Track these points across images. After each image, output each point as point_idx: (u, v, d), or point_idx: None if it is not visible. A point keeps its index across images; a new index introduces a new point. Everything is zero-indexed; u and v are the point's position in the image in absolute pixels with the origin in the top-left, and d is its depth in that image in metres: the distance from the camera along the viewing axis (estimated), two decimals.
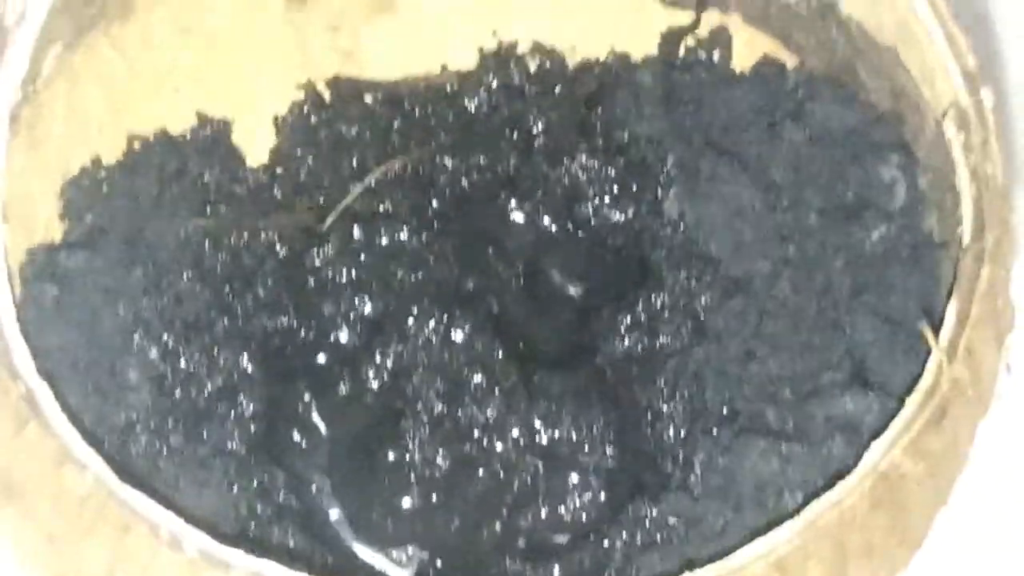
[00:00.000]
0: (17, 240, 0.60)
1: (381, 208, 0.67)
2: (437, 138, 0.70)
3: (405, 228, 0.67)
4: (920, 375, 0.55)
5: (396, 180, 0.68)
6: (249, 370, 0.63)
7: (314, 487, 0.63)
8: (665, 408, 0.63)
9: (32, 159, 0.62)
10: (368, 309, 0.65)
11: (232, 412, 0.62)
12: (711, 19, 0.71)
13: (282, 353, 0.65)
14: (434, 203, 0.69)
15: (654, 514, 0.60)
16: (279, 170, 0.69)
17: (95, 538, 0.51)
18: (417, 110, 0.71)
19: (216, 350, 0.63)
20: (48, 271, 0.60)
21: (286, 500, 0.61)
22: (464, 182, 0.69)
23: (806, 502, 0.53)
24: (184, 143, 0.69)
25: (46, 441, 0.52)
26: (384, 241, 0.66)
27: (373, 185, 0.67)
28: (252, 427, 0.62)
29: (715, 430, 0.61)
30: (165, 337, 0.62)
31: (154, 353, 0.62)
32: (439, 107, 0.71)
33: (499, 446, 0.62)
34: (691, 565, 0.51)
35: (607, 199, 0.68)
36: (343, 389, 0.64)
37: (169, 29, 0.67)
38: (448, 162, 0.69)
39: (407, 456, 0.62)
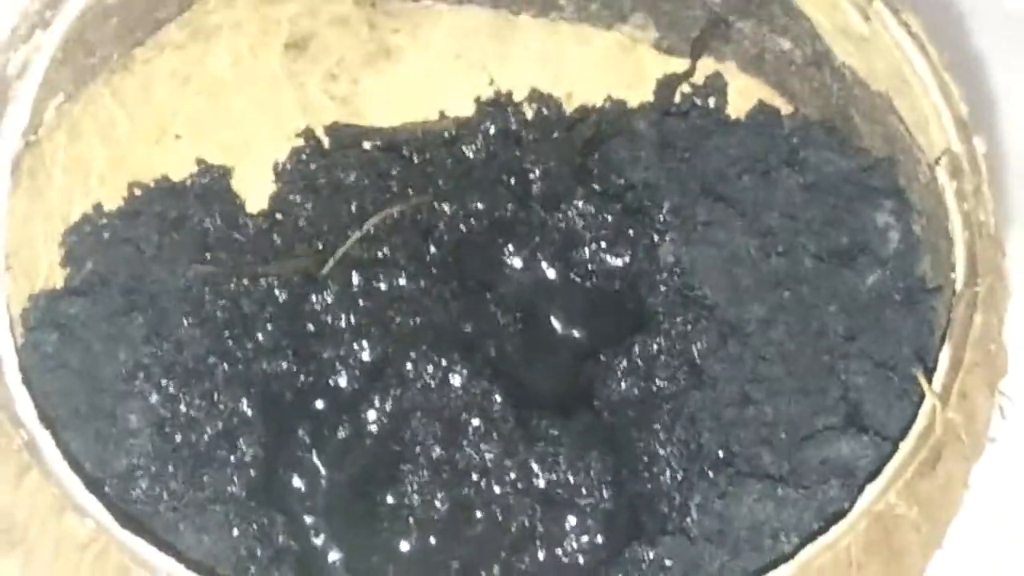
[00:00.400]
0: (19, 287, 0.60)
1: (380, 254, 0.68)
2: (435, 184, 0.70)
3: (403, 274, 0.67)
4: (914, 419, 0.55)
5: (394, 226, 0.68)
6: (249, 415, 0.63)
7: (313, 531, 0.63)
8: (662, 451, 0.63)
9: (34, 207, 0.63)
10: (367, 354, 0.65)
11: (232, 456, 0.62)
12: (706, 67, 0.71)
13: (282, 398, 0.65)
14: (432, 249, 0.69)
15: (651, 556, 0.60)
16: (278, 216, 0.69)
17: None
18: (415, 156, 0.72)
19: (216, 395, 0.63)
20: (49, 318, 0.60)
21: (285, 543, 0.61)
22: (462, 228, 0.69)
23: (801, 545, 0.53)
24: (184, 190, 0.69)
25: (48, 488, 0.52)
26: (383, 287, 0.66)
27: (372, 231, 0.67)
28: (251, 471, 0.62)
29: (711, 473, 0.61)
30: (165, 383, 0.62)
31: (155, 398, 0.61)
32: (437, 154, 0.72)
33: (497, 489, 0.62)
34: None
35: (604, 245, 0.68)
36: (342, 433, 0.64)
37: (169, 79, 0.68)
38: (446, 208, 0.69)
39: (405, 499, 0.62)
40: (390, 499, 0.62)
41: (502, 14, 0.72)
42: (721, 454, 0.61)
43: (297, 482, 0.63)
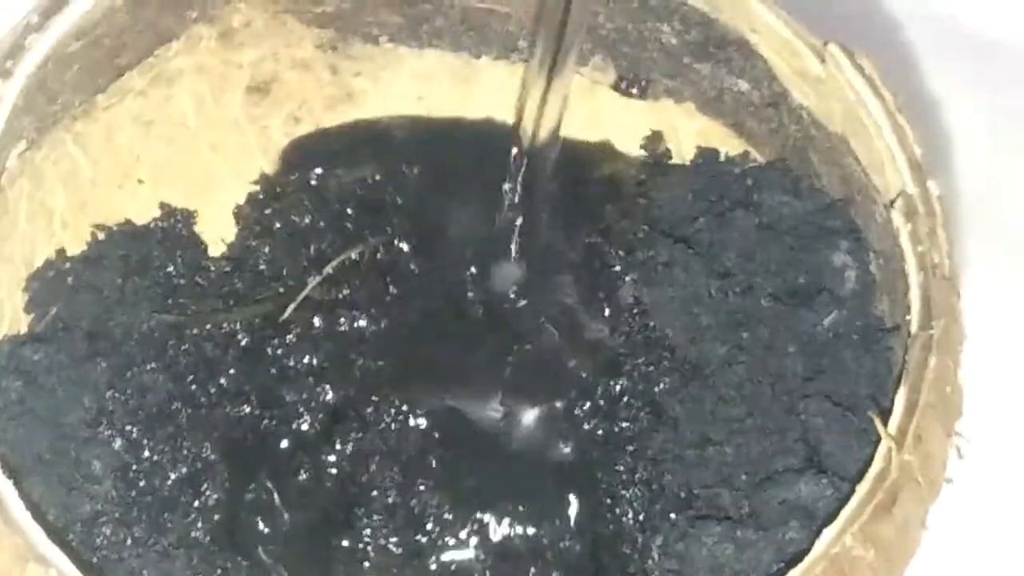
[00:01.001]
0: None
1: (340, 296, 0.68)
2: (394, 224, 0.71)
3: (364, 316, 0.67)
4: (871, 461, 0.55)
5: (354, 268, 0.69)
6: (212, 459, 0.63)
7: (274, 575, 0.63)
8: (625, 492, 0.63)
9: None
10: (329, 396, 0.66)
11: (195, 501, 0.62)
12: (665, 107, 0.71)
13: (244, 441, 0.64)
14: (392, 289, 0.69)
15: None
16: (239, 260, 0.69)
17: None
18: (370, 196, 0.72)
19: (179, 440, 0.63)
20: (12, 365, 0.60)
21: None
22: (422, 267, 0.70)
23: None
24: (147, 234, 0.68)
25: (11, 538, 0.52)
26: (344, 328, 0.67)
27: (332, 273, 0.68)
28: (215, 516, 0.62)
29: (672, 515, 0.61)
30: (129, 428, 0.62)
31: (118, 444, 0.61)
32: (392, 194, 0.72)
33: (450, 540, 0.62)
34: None
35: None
36: (304, 476, 0.64)
37: (131, 124, 0.68)
38: (405, 247, 0.69)
39: (360, 544, 0.62)
40: (346, 543, 0.62)
41: (463, 57, 0.72)
42: (682, 495, 0.62)
43: (261, 525, 0.63)
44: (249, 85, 0.70)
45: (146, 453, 0.62)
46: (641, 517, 0.62)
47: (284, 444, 0.65)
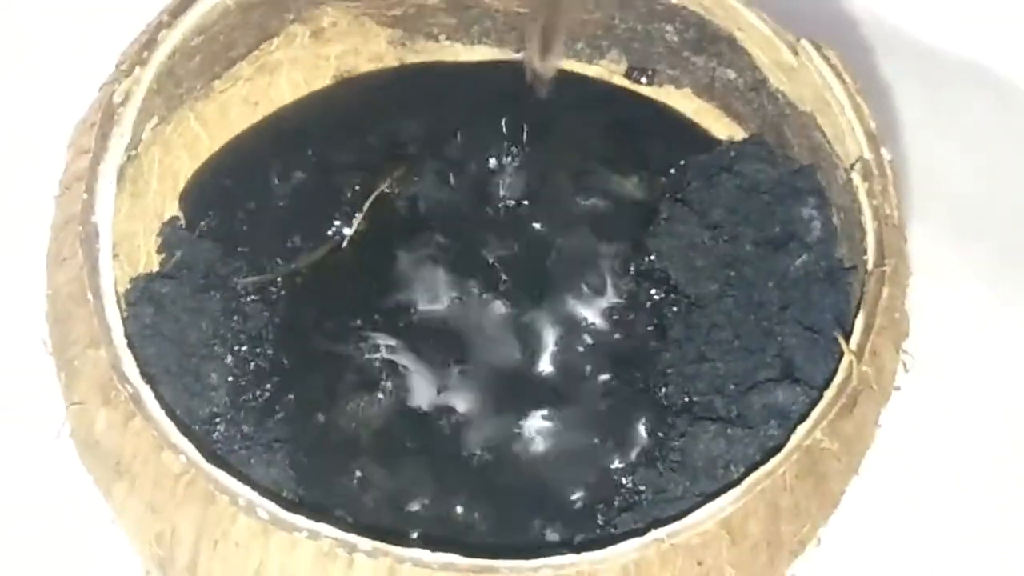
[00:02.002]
0: (123, 271, 0.60)
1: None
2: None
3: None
4: (836, 372, 0.55)
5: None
6: (302, 372, 0.63)
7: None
8: (638, 399, 0.63)
9: (135, 207, 0.62)
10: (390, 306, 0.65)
11: (287, 408, 0.62)
12: (668, 92, 0.70)
13: (326, 361, 0.64)
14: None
15: (628, 484, 0.60)
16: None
17: (187, 507, 0.51)
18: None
19: (277, 356, 0.63)
20: (146, 296, 0.60)
21: None
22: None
23: (747, 473, 0.53)
24: None
25: (148, 431, 0.52)
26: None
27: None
28: (309, 417, 0.62)
29: (675, 418, 0.61)
30: (237, 348, 0.62)
31: (229, 360, 0.62)
32: None
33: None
34: (657, 524, 0.51)
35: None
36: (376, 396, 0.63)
37: (241, 104, 0.67)
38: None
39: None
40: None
41: (507, 51, 0.71)
42: (683, 401, 0.62)
43: (347, 428, 0.62)
44: (334, 74, 0.70)
45: (251, 366, 0.62)
46: (651, 418, 0.62)
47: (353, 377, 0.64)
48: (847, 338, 0.56)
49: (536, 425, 0.62)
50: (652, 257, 0.65)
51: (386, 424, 0.62)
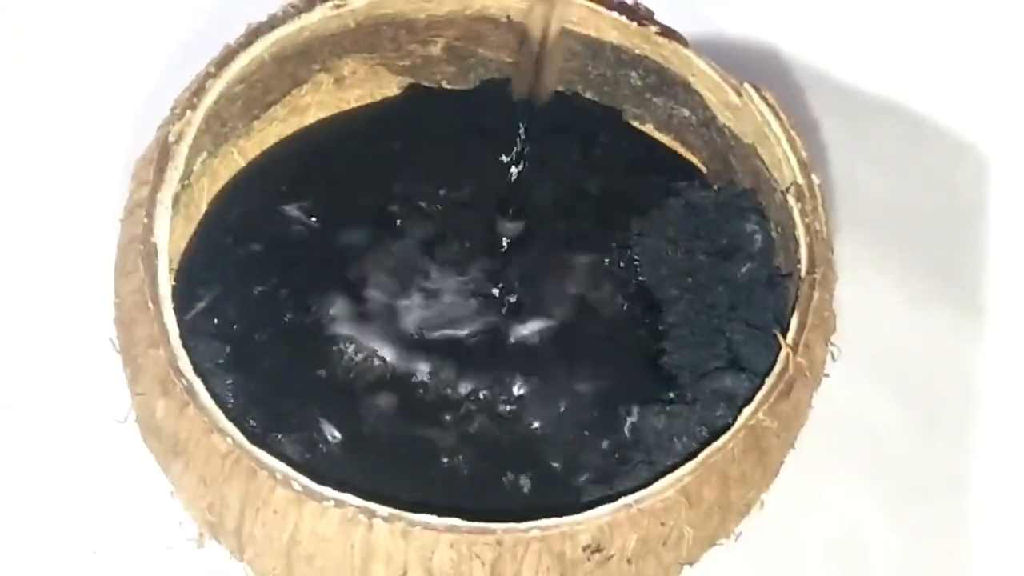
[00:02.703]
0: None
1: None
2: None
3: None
4: (775, 363, 0.55)
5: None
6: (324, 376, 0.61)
7: None
8: (607, 384, 0.62)
9: (187, 228, 0.63)
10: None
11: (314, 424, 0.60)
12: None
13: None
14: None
15: (597, 455, 0.59)
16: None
17: (233, 481, 0.51)
18: None
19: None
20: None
21: None
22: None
23: (701, 448, 0.53)
24: None
25: (200, 417, 0.52)
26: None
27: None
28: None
29: (640, 401, 0.60)
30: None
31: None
32: None
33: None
34: (625, 492, 0.52)
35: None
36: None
37: (276, 140, 0.67)
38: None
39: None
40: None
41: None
42: (648, 387, 0.61)
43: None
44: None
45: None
46: (618, 400, 0.61)
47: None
48: (784, 334, 0.56)
49: (517, 393, 0.61)
50: (629, 265, 0.65)
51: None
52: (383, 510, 0.50)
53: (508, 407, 0.61)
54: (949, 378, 0.70)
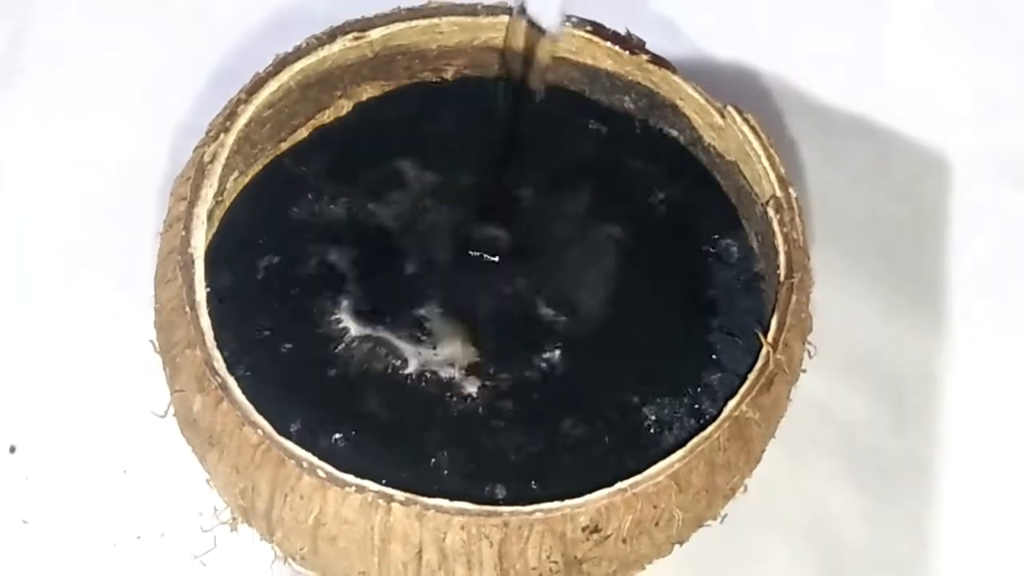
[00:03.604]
0: None
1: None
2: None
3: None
4: (756, 360, 0.55)
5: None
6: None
7: None
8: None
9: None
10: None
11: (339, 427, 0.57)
12: None
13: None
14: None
15: (592, 442, 0.57)
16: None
17: (263, 469, 0.52)
18: None
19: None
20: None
21: None
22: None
23: (690, 437, 0.53)
24: None
25: (233, 412, 0.52)
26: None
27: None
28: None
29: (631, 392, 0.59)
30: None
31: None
32: None
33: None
34: (620, 477, 0.52)
35: None
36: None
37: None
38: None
39: None
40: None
41: None
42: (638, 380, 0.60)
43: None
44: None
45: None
46: (612, 393, 0.59)
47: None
48: (765, 334, 0.56)
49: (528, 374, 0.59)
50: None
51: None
52: (400, 495, 0.50)
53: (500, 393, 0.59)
54: (916, 374, 0.70)
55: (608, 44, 0.64)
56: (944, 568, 0.65)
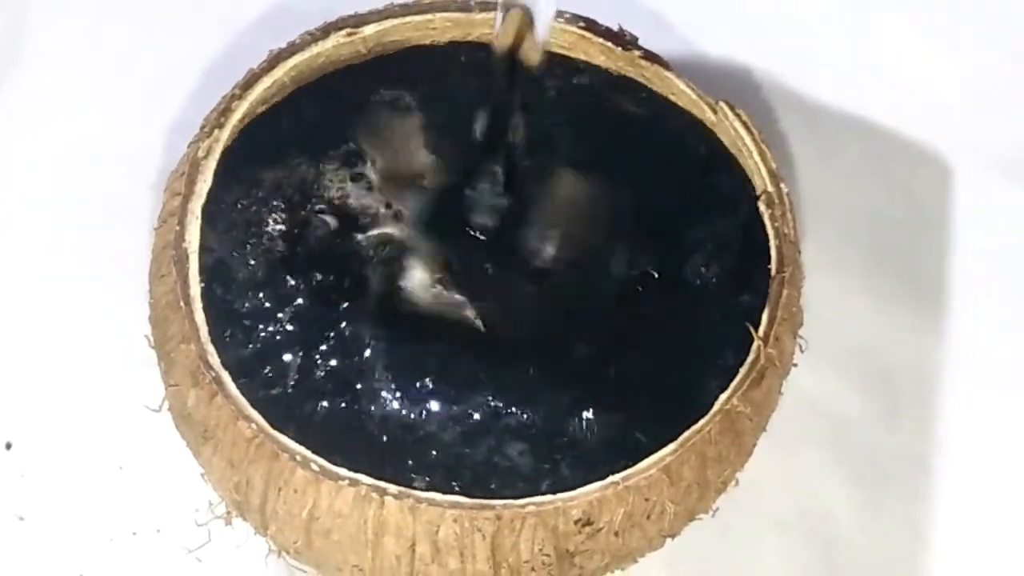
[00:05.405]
0: None
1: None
2: None
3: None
4: (748, 354, 0.55)
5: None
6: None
7: None
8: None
9: None
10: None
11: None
12: None
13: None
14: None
15: (588, 436, 0.56)
16: None
17: (257, 463, 0.52)
18: None
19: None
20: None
21: None
22: None
23: (681, 431, 0.53)
24: None
25: (227, 406, 0.52)
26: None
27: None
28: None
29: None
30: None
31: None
32: None
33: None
34: (613, 471, 0.52)
35: None
36: None
37: None
38: None
39: None
40: None
41: None
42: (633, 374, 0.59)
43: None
44: None
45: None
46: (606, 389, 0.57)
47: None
48: (756, 328, 0.56)
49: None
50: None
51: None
52: (393, 488, 0.50)
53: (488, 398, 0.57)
54: (908, 368, 0.70)
55: (601, 40, 0.64)
56: (936, 561, 0.65)
